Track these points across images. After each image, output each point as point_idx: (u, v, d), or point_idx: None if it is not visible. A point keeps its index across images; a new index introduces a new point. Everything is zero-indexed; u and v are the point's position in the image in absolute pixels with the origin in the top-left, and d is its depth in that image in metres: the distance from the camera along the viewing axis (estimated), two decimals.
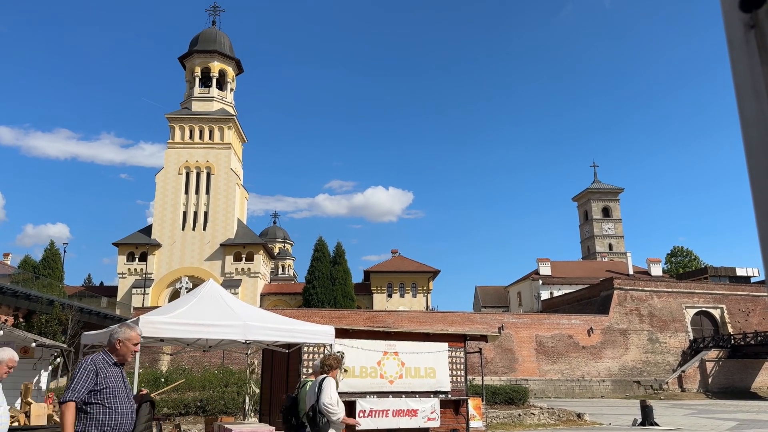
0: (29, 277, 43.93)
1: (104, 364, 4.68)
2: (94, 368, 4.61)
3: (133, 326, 4.99)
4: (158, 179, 66.01)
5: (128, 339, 4.84)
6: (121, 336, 4.81)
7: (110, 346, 4.86)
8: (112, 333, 4.91)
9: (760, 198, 0.68)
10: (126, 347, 4.82)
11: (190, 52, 70.34)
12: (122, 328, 4.92)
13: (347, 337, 14.17)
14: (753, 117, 0.70)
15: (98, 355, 4.76)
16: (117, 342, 4.82)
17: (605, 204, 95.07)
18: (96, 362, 4.67)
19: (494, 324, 49.28)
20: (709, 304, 54.48)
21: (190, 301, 10.30)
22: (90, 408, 4.52)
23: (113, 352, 4.82)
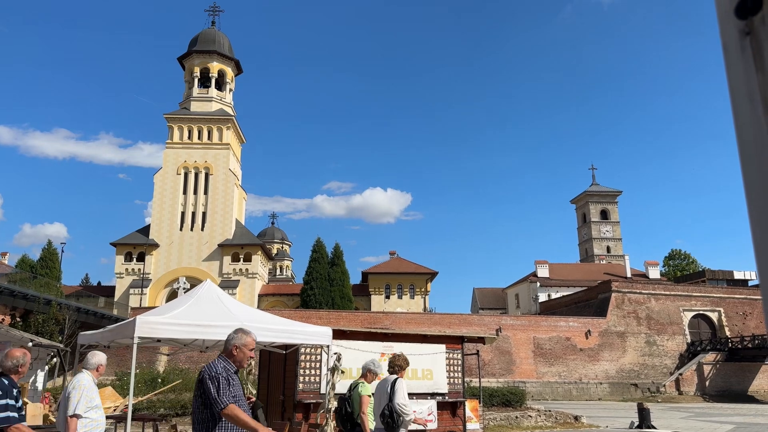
0: (26, 276, 43.82)
1: (228, 373, 4.61)
2: (226, 376, 4.54)
3: (248, 332, 4.92)
4: (156, 179, 65.95)
5: (245, 345, 4.78)
6: (239, 342, 4.75)
7: (227, 353, 4.77)
8: (229, 339, 4.82)
9: (754, 202, 0.68)
10: (243, 353, 4.77)
11: (189, 53, 70.31)
12: (238, 334, 4.83)
13: (344, 339, 14.17)
14: (747, 122, 0.70)
15: (220, 363, 4.66)
16: (234, 348, 4.75)
17: (603, 206, 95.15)
18: (223, 370, 4.59)
19: (492, 326, 49.26)
20: (707, 307, 54.54)
21: (187, 301, 10.27)
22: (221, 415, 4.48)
23: (231, 358, 4.75)
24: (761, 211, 0.67)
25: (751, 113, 0.70)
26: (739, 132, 0.71)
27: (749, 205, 0.69)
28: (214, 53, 69.77)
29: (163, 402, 19.16)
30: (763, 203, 0.67)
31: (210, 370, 4.60)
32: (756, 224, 0.68)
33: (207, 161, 66.67)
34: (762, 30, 0.70)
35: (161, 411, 18.08)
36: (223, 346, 4.88)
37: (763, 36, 0.70)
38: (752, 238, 0.69)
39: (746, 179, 0.70)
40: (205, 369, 4.66)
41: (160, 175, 66.02)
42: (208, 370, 4.62)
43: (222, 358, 4.75)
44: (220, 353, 4.86)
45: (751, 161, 0.69)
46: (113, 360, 42.44)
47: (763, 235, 0.67)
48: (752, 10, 0.71)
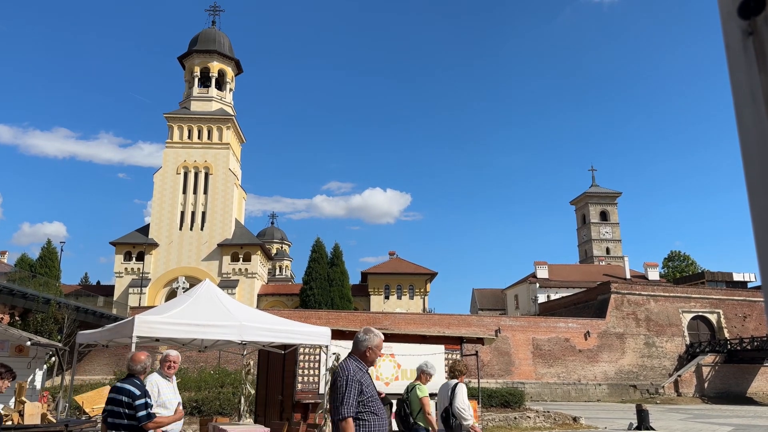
0: (26, 275, 43.80)
1: (361, 373, 4.64)
2: (356, 378, 4.57)
3: (378, 333, 4.94)
4: (156, 179, 65.93)
5: (377, 347, 4.82)
6: (371, 344, 4.78)
7: (359, 353, 4.80)
8: (361, 340, 4.83)
9: (757, 204, 0.68)
10: (374, 354, 4.80)
11: (189, 52, 70.31)
12: (369, 335, 4.84)
13: (343, 339, 14.15)
14: (750, 123, 0.70)
15: (352, 363, 4.69)
16: (368, 350, 4.77)
17: (603, 208, 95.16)
18: (356, 372, 4.62)
19: (491, 327, 49.25)
20: (706, 308, 54.54)
21: (186, 301, 10.27)
22: (364, 416, 4.51)
23: (363, 359, 4.77)
24: (764, 213, 0.67)
25: (753, 114, 0.69)
26: (741, 133, 0.71)
27: (752, 206, 0.69)
28: (214, 53, 69.77)
29: None
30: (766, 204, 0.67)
31: (343, 371, 4.63)
32: (758, 225, 0.68)
33: (207, 161, 66.66)
34: (765, 30, 0.70)
35: None
36: (353, 345, 4.90)
37: (766, 36, 0.70)
38: (755, 239, 0.69)
39: (749, 180, 0.70)
40: (339, 370, 4.71)
41: (159, 175, 66.00)
42: (341, 372, 4.66)
43: (354, 359, 4.78)
44: (351, 353, 4.89)
45: (754, 162, 0.69)
46: (111, 359, 42.47)
47: (765, 236, 0.67)
48: (755, 10, 0.71)
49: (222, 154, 67.16)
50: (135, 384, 5.78)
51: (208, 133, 67.80)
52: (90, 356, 43.67)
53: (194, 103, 68.96)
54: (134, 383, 5.80)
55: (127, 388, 5.70)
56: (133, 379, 5.88)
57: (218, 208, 65.47)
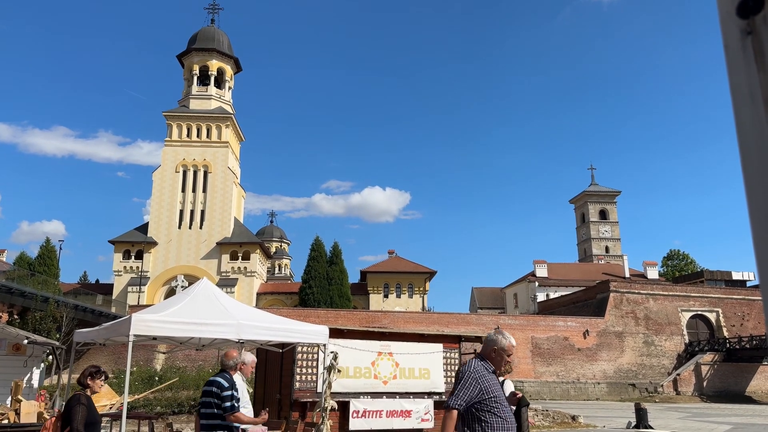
0: (24, 274, 43.79)
1: (484, 372, 4.60)
2: (477, 377, 4.53)
3: (508, 336, 4.89)
4: (155, 177, 65.88)
5: (504, 349, 4.77)
6: (498, 345, 4.75)
7: (486, 353, 4.77)
8: (489, 341, 4.80)
9: (755, 203, 0.68)
10: (501, 357, 4.76)
11: (188, 50, 70.21)
12: (498, 337, 4.81)
13: (341, 338, 14.13)
14: (749, 123, 0.70)
15: (477, 363, 4.67)
16: (492, 351, 4.74)
17: (602, 206, 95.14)
18: (478, 371, 4.59)
19: (490, 325, 49.21)
20: (705, 307, 54.55)
21: (183, 299, 10.23)
22: (483, 416, 4.48)
23: (489, 359, 4.74)
24: (762, 212, 0.67)
25: (752, 113, 0.69)
26: (740, 132, 0.71)
27: (750, 205, 0.69)
28: (213, 51, 69.67)
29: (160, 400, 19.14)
30: (764, 203, 0.67)
31: (467, 368, 4.63)
32: (757, 224, 0.68)
33: (206, 159, 66.59)
34: (764, 29, 0.70)
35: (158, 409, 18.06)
36: (482, 347, 4.88)
37: (765, 35, 0.69)
38: (753, 238, 0.69)
39: (747, 179, 0.70)
40: (465, 367, 4.70)
41: (158, 173, 65.94)
42: (465, 368, 4.66)
43: (480, 358, 4.75)
44: (479, 353, 4.84)
45: (752, 161, 0.69)
46: (110, 358, 42.42)
47: (763, 236, 0.67)
48: (754, 9, 0.71)
49: (221, 153, 67.09)
50: (225, 378, 6.33)
51: (207, 132, 67.72)
52: (89, 355, 43.62)
53: (193, 102, 68.87)
54: (224, 377, 6.35)
55: (218, 381, 6.28)
56: (224, 373, 6.45)
57: (217, 207, 65.41)
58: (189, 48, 70.32)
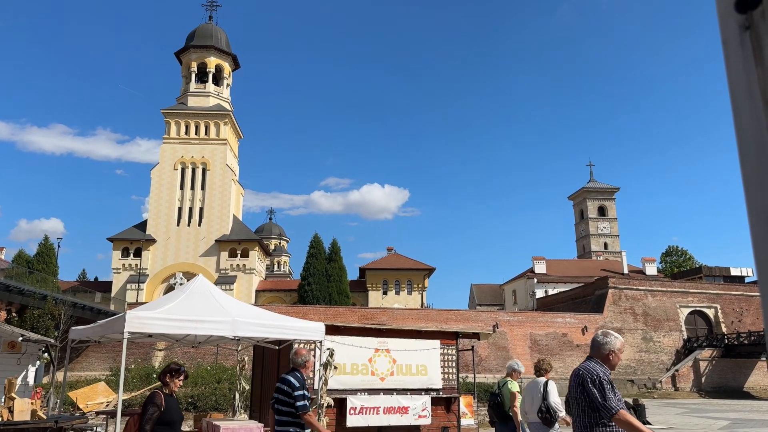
0: (23, 271, 43.72)
1: (608, 375, 4.55)
2: (608, 378, 4.48)
3: (618, 335, 4.83)
4: (153, 174, 65.78)
5: (619, 350, 4.74)
6: (614, 347, 4.72)
7: (601, 357, 4.71)
8: (602, 343, 4.74)
9: (753, 198, 0.68)
10: (617, 357, 4.72)
11: (186, 47, 70.04)
12: (610, 338, 4.76)
13: (338, 334, 14.11)
14: (747, 118, 0.70)
15: (597, 366, 4.60)
16: (610, 353, 4.70)
17: (601, 203, 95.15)
18: (605, 373, 4.53)
19: (489, 322, 49.30)
20: (703, 303, 54.62)
21: (178, 296, 10.21)
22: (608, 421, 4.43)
23: (606, 362, 4.68)
24: (760, 207, 0.67)
25: (750, 108, 0.69)
26: (738, 127, 0.71)
27: (748, 200, 0.69)
28: (211, 48, 69.50)
29: None
30: (762, 199, 0.67)
31: (590, 374, 4.53)
32: (755, 220, 0.68)
33: (204, 156, 66.49)
34: (762, 24, 0.69)
35: None
36: (593, 348, 4.80)
37: (763, 30, 0.69)
38: (751, 234, 0.68)
39: (745, 175, 0.69)
40: (584, 373, 4.58)
41: (157, 171, 65.85)
42: (588, 374, 4.54)
43: (596, 362, 4.68)
44: (591, 356, 4.79)
45: (751, 157, 0.69)
46: (108, 355, 42.44)
47: (761, 231, 0.67)
48: (752, 4, 0.71)
49: (219, 150, 66.98)
50: (296, 376, 6.46)
51: (206, 129, 67.60)
52: (87, 352, 43.63)
53: (191, 99, 68.73)
54: (296, 376, 6.48)
55: (289, 379, 6.42)
56: (295, 372, 6.58)
57: (216, 204, 65.34)
58: (187, 45, 70.15)
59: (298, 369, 6.66)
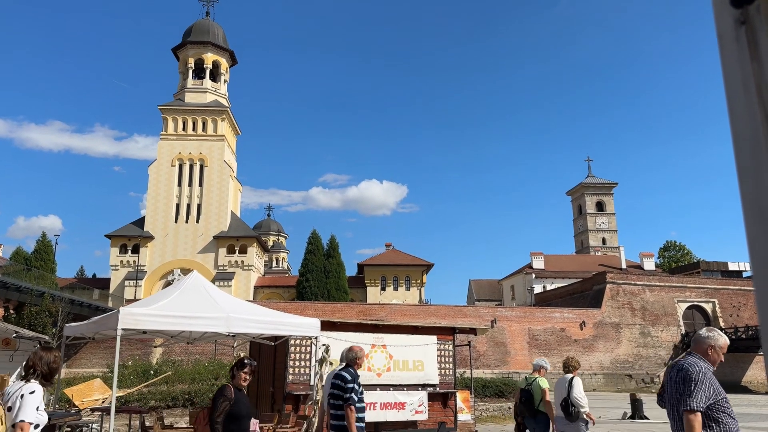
0: (20, 269, 43.65)
1: (709, 372, 4.48)
2: (710, 376, 4.44)
3: (722, 333, 4.80)
4: (151, 171, 65.64)
5: (721, 347, 4.69)
6: (715, 343, 4.67)
7: (701, 351, 4.66)
8: (703, 338, 4.69)
9: (748, 193, 0.68)
10: (717, 354, 4.67)
11: (183, 43, 69.82)
12: (713, 333, 4.72)
13: (335, 330, 14.10)
14: (742, 112, 0.69)
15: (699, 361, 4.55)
16: (710, 348, 4.65)
17: (599, 198, 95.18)
18: (707, 369, 4.48)
19: (487, 317, 49.33)
20: (701, 298, 54.70)
21: (173, 292, 10.18)
22: (718, 416, 4.39)
23: (706, 357, 4.63)
24: (754, 202, 0.67)
25: (745, 103, 0.69)
26: (733, 122, 0.70)
27: (742, 195, 0.68)
28: (208, 44, 69.28)
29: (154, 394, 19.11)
30: (757, 193, 0.66)
31: (694, 367, 4.50)
32: (749, 214, 0.68)
33: (202, 153, 66.34)
34: (757, 19, 0.69)
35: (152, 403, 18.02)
36: (694, 343, 4.76)
37: (758, 25, 0.69)
38: (745, 228, 0.68)
39: (740, 169, 0.69)
40: (688, 366, 4.56)
41: (154, 167, 65.70)
42: (692, 367, 4.51)
43: (698, 357, 4.63)
44: (692, 350, 4.73)
45: (745, 151, 0.69)
46: (106, 352, 42.41)
47: (756, 226, 0.67)
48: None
49: (217, 146, 66.84)
50: (349, 372, 6.82)
51: (203, 125, 67.43)
52: (85, 349, 43.61)
53: (189, 95, 68.54)
54: (348, 371, 6.83)
55: (342, 374, 6.77)
56: (348, 368, 6.92)
57: (214, 201, 65.23)
58: (184, 41, 69.92)
59: (351, 365, 7.01)
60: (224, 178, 66.09)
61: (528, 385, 9.28)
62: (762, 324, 0.63)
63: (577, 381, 8.72)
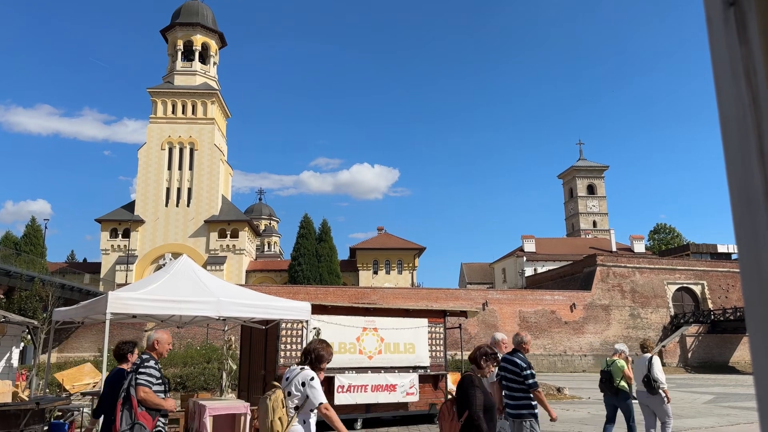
0: (10, 253, 43.38)
1: None
2: None
3: None
4: (141, 154, 65.12)
5: None
6: None
7: None
8: None
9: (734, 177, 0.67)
10: None
11: (172, 25, 68.92)
12: None
13: (326, 314, 14.11)
14: (730, 95, 0.68)
15: None
16: None
17: (590, 181, 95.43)
18: None
19: (479, 300, 49.61)
20: (690, 280, 55.21)
21: (162, 277, 10.12)
22: None
23: None
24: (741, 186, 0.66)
25: (733, 86, 0.68)
26: (721, 105, 0.70)
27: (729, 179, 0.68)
28: (197, 26, 68.43)
29: None
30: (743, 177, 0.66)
31: None
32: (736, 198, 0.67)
33: (192, 136, 65.83)
34: (746, 1, 0.68)
35: None
36: None
37: (747, 7, 0.68)
38: (732, 211, 0.68)
39: (727, 153, 0.69)
40: None
41: (144, 151, 65.17)
42: None
43: None
44: None
45: (732, 135, 0.68)
46: (98, 336, 42.34)
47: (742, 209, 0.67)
48: None
49: (207, 130, 66.33)
50: (520, 357, 6.98)
51: (193, 108, 66.84)
52: (76, 334, 43.53)
53: (178, 78, 67.82)
54: (519, 356, 7.00)
55: (515, 360, 6.97)
56: (518, 353, 7.09)
57: (204, 184, 64.88)
58: (173, 23, 69.02)
59: (519, 349, 7.20)
60: (214, 162, 65.69)
61: (608, 366, 10.15)
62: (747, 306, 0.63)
63: (656, 360, 9.80)
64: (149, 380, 5.83)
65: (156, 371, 5.96)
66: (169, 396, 6.02)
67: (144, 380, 5.78)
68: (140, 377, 5.82)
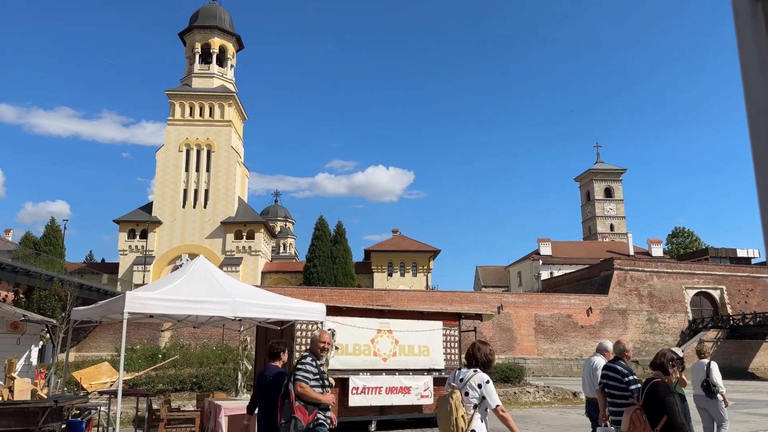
0: (30, 253, 43.97)
1: None
2: None
3: None
4: (158, 156, 65.80)
5: None
6: None
7: None
8: None
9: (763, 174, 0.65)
10: None
11: (190, 28, 69.60)
12: None
13: (341, 315, 14.13)
14: (757, 90, 0.67)
15: None
16: None
17: (607, 184, 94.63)
18: None
19: (494, 303, 49.37)
20: (709, 285, 54.46)
21: (179, 277, 10.21)
22: None
23: None
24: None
25: (761, 81, 0.66)
26: (748, 100, 0.68)
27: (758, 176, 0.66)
28: (215, 28, 69.04)
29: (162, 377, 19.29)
30: None
31: None
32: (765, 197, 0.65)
33: (209, 138, 66.39)
34: None
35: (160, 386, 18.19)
36: None
37: None
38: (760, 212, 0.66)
39: (755, 149, 0.67)
40: None
41: (162, 152, 65.85)
42: None
43: None
44: None
45: (762, 132, 0.66)
46: (115, 336, 42.78)
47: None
48: None
49: (224, 132, 66.84)
50: (621, 365, 7.07)
51: (210, 111, 67.41)
52: (94, 333, 44.05)
53: (195, 80, 68.45)
54: (621, 364, 7.09)
55: (616, 367, 7.07)
56: (620, 360, 7.20)
57: (221, 186, 65.38)
58: (190, 26, 69.69)
59: (621, 357, 7.29)
60: (231, 164, 66.16)
61: None
62: None
63: (714, 365, 9.96)
64: (306, 376, 6.11)
65: (313, 367, 6.23)
66: (327, 391, 6.26)
67: (302, 376, 6.09)
68: (298, 373, 6.14)
